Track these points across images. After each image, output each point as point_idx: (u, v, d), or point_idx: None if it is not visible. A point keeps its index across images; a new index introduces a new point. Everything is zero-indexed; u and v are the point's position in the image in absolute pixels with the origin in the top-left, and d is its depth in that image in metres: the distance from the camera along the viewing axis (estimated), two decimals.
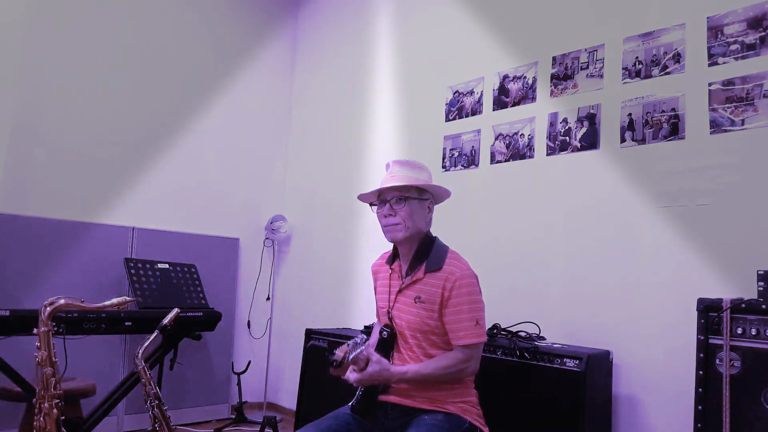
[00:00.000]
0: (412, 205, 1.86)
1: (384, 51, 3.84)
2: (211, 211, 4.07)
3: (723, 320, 1.77)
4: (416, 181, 1.88)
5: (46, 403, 1.97)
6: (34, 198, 3.30)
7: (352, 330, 3.20)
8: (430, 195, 1.94)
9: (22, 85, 3.29)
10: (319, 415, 1.87)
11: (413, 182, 1.87)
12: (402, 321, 1.87)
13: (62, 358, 2.15)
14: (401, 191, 1.86)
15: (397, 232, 1.86)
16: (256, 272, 4.27)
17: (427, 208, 1.93)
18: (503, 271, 2.86)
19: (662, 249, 2.34)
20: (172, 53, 3.91)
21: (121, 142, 3.64)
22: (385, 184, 1.88)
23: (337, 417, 1.83)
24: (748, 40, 2.19)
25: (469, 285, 1.80)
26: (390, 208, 1.86)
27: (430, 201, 1.95)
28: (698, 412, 1.80)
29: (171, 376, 3.17)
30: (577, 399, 2.08)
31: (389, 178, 1.90)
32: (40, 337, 1.97)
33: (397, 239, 1.88)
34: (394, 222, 1.86)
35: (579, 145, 2.67)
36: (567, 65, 2.76)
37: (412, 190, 1.87)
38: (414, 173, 1.91)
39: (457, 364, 1.77)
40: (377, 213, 1.92)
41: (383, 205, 1.88)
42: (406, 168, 1.92)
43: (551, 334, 2.56)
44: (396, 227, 1.86)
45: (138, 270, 3.22)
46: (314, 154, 4.31)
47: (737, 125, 2.19)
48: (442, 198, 2.00)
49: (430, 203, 1.95)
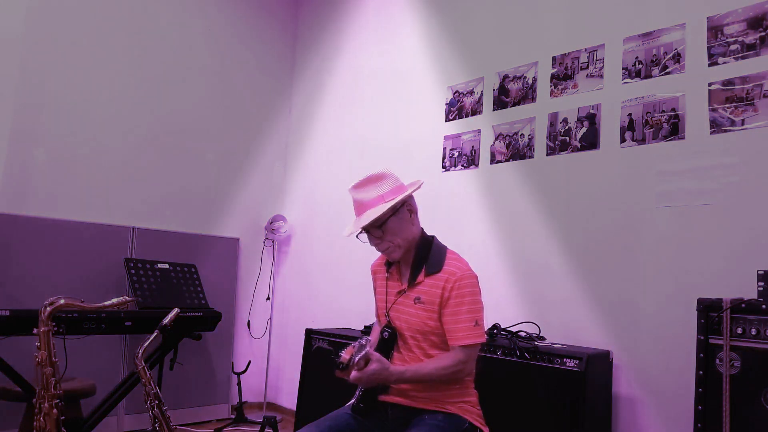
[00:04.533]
0: (391, 223, 1.81)
1: (384, 50, 3.84)
2: (211, 211, 4.07)
3: (723, 320, 1.77)
4: (383, 199, 1.80)
5: (46, 403, 1.96)
6: (34, 198, 3.30)
7: (352, 330, 3.20)
8: (403, 199, 1.85)
9: (22, 85, 3.29)
10: (319, 415, 1.87)
11: (379, 210, 1.78)
12: (402, 322, 1.86)
13: (62, 358, 2.15)
14: (371, 225, 1.80)
15: (392, 253, 1.85)
16: (256, 272, 4.27)
17: (408, 212, 1.86)
18: (503, 271, 2.86)
19: (662, 249, 2.34)
20: (171, 52, 3.91)
21: (120, 142, 3.64)
22: (354, 226, 1.83)
23: (337, 417, 1.83)
24: (748, 40, 2.19)
25: (469, 285, 1.79)
26: (373, 239, 1.85)
27: (408, 204, 1.87)
28: (698, 412, 1.80)
29: (171, 376, 3.17)
30: (577, 399, 2.08)
31: (357, 208, 1.85)
32: (40, 337, 1.97)
33: (396, 258, 1.88)
34: (384, 247, 1.85)
35: (579, 145, 2.67)
36: (567, 65, 2.76)
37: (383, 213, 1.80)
38: (377, 190, 1.83)
39: (456, 364, 1.76)
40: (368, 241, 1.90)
41: (367, 233, 1.86)
42: (368, 188, 1.84)
43: (551, 334, 2.56)
44: (388, 250, 1.85)
45: (138, 270, 3.22)
46: (314, 154, 4.31)
47: (737, 125, 2.19)
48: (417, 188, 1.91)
49: (409, 206, 1.88)
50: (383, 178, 1.86)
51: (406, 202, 1.87)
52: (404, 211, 1.86)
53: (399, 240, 1.83)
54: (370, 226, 1.81)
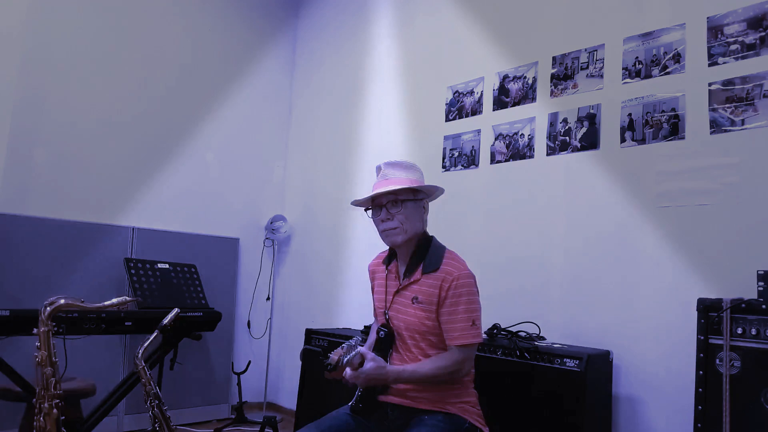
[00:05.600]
0: (408, 208, 1.84)
1: (384, 51, 3.84)
2: (211, 211, 4.07)
3: (723, 320, 1.77)
4: (410, 183, 1.86)
5: (46, 403, 1.96)
6: (34, 198, 3.30)
7: (352, 330, 3.20)
8: (424, 194, 1.92)
9: (22, 85, 3.29)
10: (319, 415, 1.87)
11: (407, 184, 1.84)
12: (400, 322, 1.86)
13: (62, 358, 2.14)
14: (396, 195, 1.84)
15: (395, 236, 1.85)
16: (256, 272, 4.27)
17: (423, 207, 1.91)
18: (503, 271, 2.86)
19: (662, 249, 2.34)
20: (172, 53, 3.91)
21: (121, 142, 3.64)
22: (378, 189, 1.85)
23: (337, 417, 1.83)
24: (748, 40, 2.19)
25: (466, 285, 1.79)
26: (386, 213, 1.84)
27: (425, 200, 1.93)
28: (698, 412, 1.80)
29: (171, 376, 3.17)
30: (577, 399, 2.08)
31: (383, 182, 1.86)
32: (40, 337, 1.97)
33: (397, 243, 1.87)
34: (392, 226, 1.84)
35: (579, 145, 2.67)
36: (567, 65, 2.76)
37: (407, 192, 1.85)
38: (406, 174, 1.88)
39: (454, 364, 1.76)
40: (373, 218, 1.90)
41: (379, 210, 1.86)
42: (398, 169, 1.89)
43: (551, 334, 2.56)
44: (394, 231, 1.84)
45: (138, 270, 3.22)
46: (314, 154, 4.31)
47: (737, 125, 2.19)
48: (436, 195, 1.97)
49: (425, 202, 1.93)
50: (416, 168, 1.94)
51: (426, 198, 1.93)
52: (422, 204, 1.90)
53: (407, 225, 1.84)
54: (393, 194, 1.83)
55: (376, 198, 1.87)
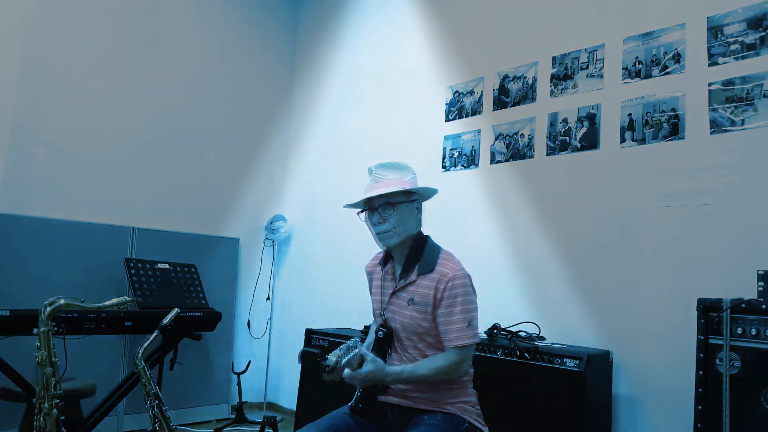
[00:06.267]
0: (401, 210, 1.83)
1: (384, 50, 3.84)
2: (211, 212, 4.07)
3: (723, 320, 1.77)
4: (402, 185, 1.84)
5: (46, 403, 1.97)
6: (34, 198, 3.30)
7: (352, 330, 3.20)
8: (418, 195, 1.90)
9: (22, 85, 3.29)
10: (319, 415, 1.87)
11: (399, 186, 1.82)
12: (397, 324, 1.86)
13: (62, 358, 2.15)
14: (389, 197, 1.82)
15: (389, 239, 1.84)
16: (256, 272, 4.26)
17: (416, 209, 1.90)
18: (503, 271, 2.86)
19: (662, 249, 2.34)
20: (171, 52, 3.91)
21: (121, 142, 3.64)
22: (370, 193, 1.83)
23: (337, 417, 1.83)
24: (748, 40, 2.19)
25: (462, 286, 1.78)
26: (379, 216, 1.83)
27: (419, 201, 1.91)
28: (698, 412, 1.79)
29: (171, 376, 3.17)
30: (577, 399, 2.08)
31: (374, 185, 1.85)
32: (40, 337, 1.98)
33: (391, 246, 1.87)
34: (386, 229, 1.83)
35: (579, 145, 2.67)
36: (567, 65, 2.76)
37: (400, 194, 1.84)
38: (399, 175, 1.86)
39: (451, 365, 1.76)
40: (367, 221, 1.89)
41: (372, 212, 1.85)
42: (390, 171, 1.87)
43: (551, 334, 2.56)
44: (388, 234, 1.84)
45: (138, 270, 3.22)
46: (314, 154, 4.31)
47: (737, 125, 2.19)
48: (430, 195, 1.97)
49: (419, 203, 1.91)
50: (408, 168, 1.92)
51: (419, 198, 1.91)
52: (415, 205, 1.89)
53: (401, 228, 1.84)
54: (386, 197, 1.82)
55: (370, 201, 1.86)
